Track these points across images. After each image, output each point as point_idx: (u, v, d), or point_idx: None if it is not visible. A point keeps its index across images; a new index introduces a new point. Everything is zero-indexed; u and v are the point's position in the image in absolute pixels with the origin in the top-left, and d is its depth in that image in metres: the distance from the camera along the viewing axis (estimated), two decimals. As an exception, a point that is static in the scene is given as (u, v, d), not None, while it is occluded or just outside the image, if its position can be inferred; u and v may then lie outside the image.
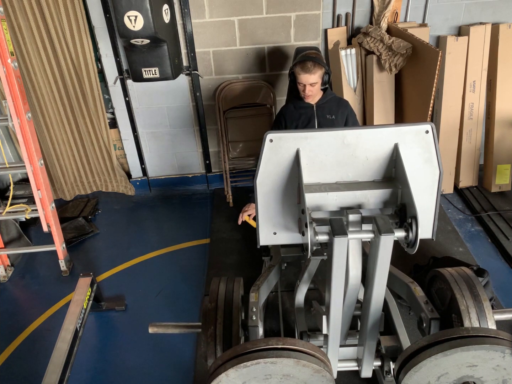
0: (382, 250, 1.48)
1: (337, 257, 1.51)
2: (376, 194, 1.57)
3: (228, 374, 1.42)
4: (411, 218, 1.45)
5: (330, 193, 1.57)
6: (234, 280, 1.99)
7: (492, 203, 3.32)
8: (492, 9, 3.16)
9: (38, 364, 2.29)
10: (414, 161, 1.56)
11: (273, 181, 1.60)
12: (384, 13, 3.03)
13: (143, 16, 2.53)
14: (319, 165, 1.59)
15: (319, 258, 2.09)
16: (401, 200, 1.55)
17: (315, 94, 2.40)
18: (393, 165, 1.59)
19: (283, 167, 1.58)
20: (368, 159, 1.58)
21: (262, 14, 3.08)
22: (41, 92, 3.27)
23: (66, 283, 2.85)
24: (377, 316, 1.75)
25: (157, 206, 3.67)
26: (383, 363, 1.91)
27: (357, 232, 1.53)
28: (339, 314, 1.72)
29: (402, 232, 1.47)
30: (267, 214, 1.66)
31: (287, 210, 1.65)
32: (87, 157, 3.65)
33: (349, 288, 1.69)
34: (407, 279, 2.02)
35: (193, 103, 3.44)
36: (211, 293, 1.90)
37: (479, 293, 1.85)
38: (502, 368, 1.46)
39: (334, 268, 1.55)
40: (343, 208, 1.59)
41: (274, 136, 1.52)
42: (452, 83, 3.17)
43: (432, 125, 1.52)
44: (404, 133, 1.53)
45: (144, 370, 2.26)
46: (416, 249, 1.44)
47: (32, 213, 2.77)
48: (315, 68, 2.28)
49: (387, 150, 1.57)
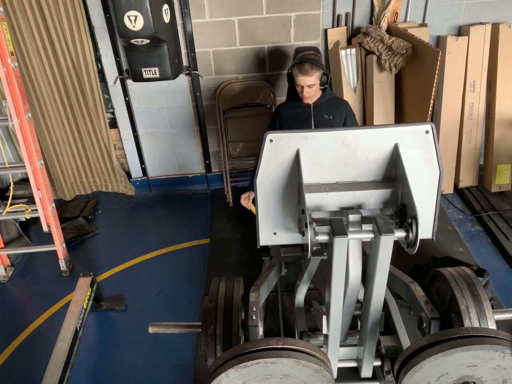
0: (382, 250, 1.48)
1: (337, 257, 1.51)
2: (376, 194, 1.57)
3: (228, 374, 1.42)
4: (411, 218, 1.45)
5: (330, 193, 1.56)
6: (234, 279, 1.99)
7: (492, 203, 3.32)
8: (492, 9, 3.16)
9: (38, 364, 2.29)
10: (414, 161, 1.56)
11: (273, 181, 1.60)
12: (384, 13, 3.03)
13: (143, 16, 2.53)
14: (319, 165, 1.58)
15: (319, 258, 2.09)
16: (401, 200, 1.55)
17: (313, 95, 2.40)
18: (393, 165, 1.59)
19: (283, 167, 1.58)
20: (368, 159, 1.58)
21: (262, 14, 3.08)
22: (41, 92, 3.27)
23: (66, 283, 2.85)
24: (377, 316, 1.75)
25: (157, 206, 3.67)
26: (383, 363, 1.91)
27: (357, 232, 1.52)
28: (339, 314, 1.72)
29: (402, 232, 1.47)
30: (267, 214, 1.66)
31: (287, 210, 1.65)
32: (87, 157, 3.65)
33: (349, 288, 1.69)
34: (407, 279, 2.02)
35: (193, 103, 3.44)
36: (211, 293, 1.90)
37: (479, 293, 1.85)
38: (502, 368, 1.46)
39: (334, 268, 1.55)
40: (343, 208, 1.59)
41: (274, 136, 1.52)
42: (452, 83, 3.17)
43: (432, 125, 1.52)
44: (404, 133, 1.53)
45: (144, 370, 2.26)
46: (416, 249, 1.44)
47: (32, 213, 2.77)
48: (312, 70, 2.28)
49: (387, 150, 1.56)
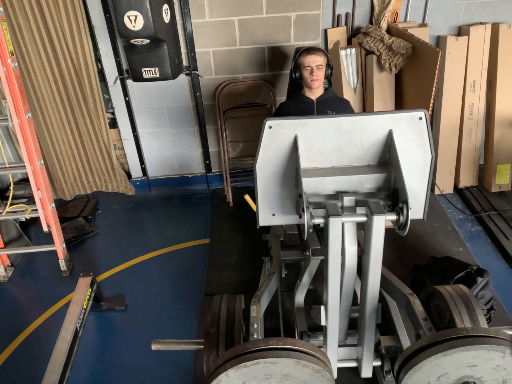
0: (375, 230, 1.55)
1: (332, 238, 1.57)
2: (370, 178, 1.64)
3: (228, 374, 1.42)
4: (402, 203, 1.53)
5: (326, 178, 1.63)
6: (235, 298, 1.99)
7: (492, 203, 3.32)
8: (492, 9, 3.16)
9: (38, 364, 2.29)
10: (408, 146, 1.62)
11: (271, 165, 1.66)
12: (384, 13, 3.03)
13: (143, 16, 2.52)
14: (316, 151, 1.64)
15: (319, 258, 2.09)
16: (394, 184, 1.62)
17: (320, 82, 2.42)
18: (388, 150, 1.65)
19: (281, 152, 1.64)
20: (364, 145, 1.64)
21: (262, 14, 3.08)
22: (41, 92, 3.27)
23: (66, 283, 2.85)
24: (374, 304, 1.76)
25: (157, 206, 3.67)
26: (383, 363, 1.91)
27: (351, 215, 1.60)
28: (337, 302, 1.74)
29: (393, 216, 1.56)
30: (266, 197, 1.72)
31: (285, 193, 1.72)
32: (87, 157, 3.65)
33: (346, 272, 1.70)
34: (406, 290, 2.00)
35: (193, 103, 3.44)
36: (212, 316, 1.91)
37: (478, 318, 1.85)
38: (502, 368, 1.46)
39: (330, 250, 1.61)
40: (338, 192, 1.66)
41: (273, 122, 1.58)
42: (452, 83, 3.17)
43: (426, 111, 1.57)
44: (398, 119, 1.59)
45: (144, 370, 2.26)
46: (406, 231, 1.54)
47: (32, 213, 2.77)
48: (320, 51, 2.37)
49: (382, 136, 1.62)
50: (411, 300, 1.93)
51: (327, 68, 2.43)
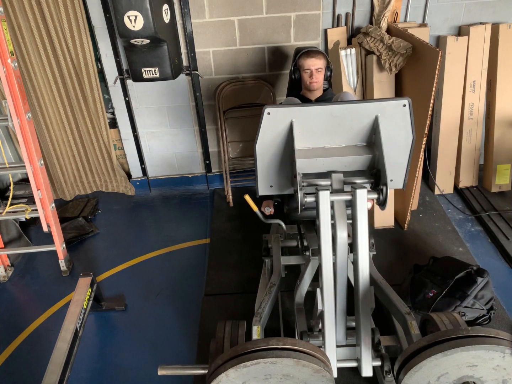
0: (359, 203, 1.77)
1: (322, 211, 1.77)
2: (357, 159, 1.87)
3: (228, 374, 1.42)
4: (382, 185, 1.77)
5: (318, 159, 1.85)
6: (238, 325, 2.01)
7: (492, 203, 3.32)
8: (492, 9, 3.16)
9: (38, 364, 2.29)
10: (393, 129, 1.82)
11: (269, 146, 1.87)
12: (384, 13, 3.03)
13: (143, 16, 2.53)
14: (310, 133, 1.83)
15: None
16: (377, 165, 1.85)
17: (320, 83, 2.43)
18: (374, 133, 1.85)
19: (278, 135, 1.83)
20: (353, 128, 1.83)
21: (262, 14, 3.08)
22: (41, 92, 3.27)
23: (66, 283, 2.85)
24: (366, 283, 1.84)
25: (157, 206, 3.67)
26: (383, 363, 1.91)
27: (339, 190, 1.83)
28: (331, 283, 1.83)
29: (374, 194, 1.82)
30: (265, 172, 1.96)
31: (281, 169, 1.95)
32: (87, 157, 3.65)
33: (338, 251, 1.82)
34: (404, 309, 2.02)
35: (193, 103, 3.44)
36: (217, 342, 1.92)
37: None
38: (502, 368, 1.47)
39: (321, 223, 1.79)
40: (329, 171, 1.88)
41: (271, 110, 1.77)
42: (452, 83, 3.17)
43: (409, 99, 1.75)
44: (384, 106, 1.77)
45: (144, 370, 2.26)
46: (386, 207, 1.81)
47: (32, 213, 2.77)
48: (320, 54, 2.39)
49: (369, 121, 1.81)
50: (408, 320, 1.95)
51: (327, 70, 2.46)
